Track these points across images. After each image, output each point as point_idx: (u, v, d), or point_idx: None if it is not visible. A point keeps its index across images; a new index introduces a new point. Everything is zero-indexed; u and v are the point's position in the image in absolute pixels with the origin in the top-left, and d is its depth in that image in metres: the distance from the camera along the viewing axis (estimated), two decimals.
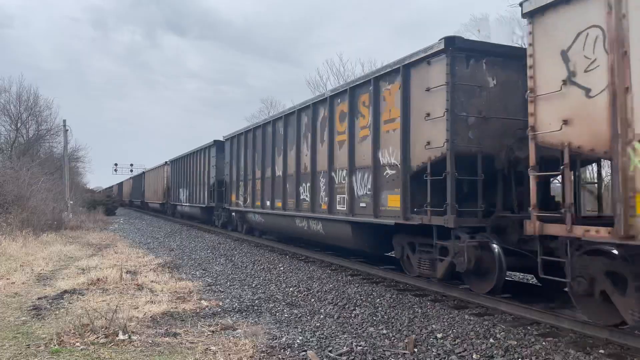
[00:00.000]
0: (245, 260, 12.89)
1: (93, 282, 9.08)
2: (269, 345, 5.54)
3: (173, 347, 5.45)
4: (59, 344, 5.46)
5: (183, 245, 16.85)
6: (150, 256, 13.49)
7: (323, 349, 5.48)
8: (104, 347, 5.38)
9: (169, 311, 7.04)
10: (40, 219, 18.91)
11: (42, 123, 40.79)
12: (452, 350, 5.49)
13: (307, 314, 7.21)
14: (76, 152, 47.53)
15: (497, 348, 5.49)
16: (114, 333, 5.71)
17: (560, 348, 5.44)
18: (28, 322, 6.60)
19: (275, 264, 12.07)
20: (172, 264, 12.19)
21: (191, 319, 6.72)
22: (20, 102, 39.22)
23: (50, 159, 38.81)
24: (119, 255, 13.41)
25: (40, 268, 11.07)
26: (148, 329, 6.15)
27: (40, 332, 6.03)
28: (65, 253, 13.70)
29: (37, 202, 20.17)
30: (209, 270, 11.40)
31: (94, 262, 11.88)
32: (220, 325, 6.37)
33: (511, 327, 6.25)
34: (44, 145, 41.94)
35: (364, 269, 10.55)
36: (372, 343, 5.72)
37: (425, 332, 6.17)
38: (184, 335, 5.89)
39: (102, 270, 10.23)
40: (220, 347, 5.45)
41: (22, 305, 7.56)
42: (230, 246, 16.24)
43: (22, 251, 13.30)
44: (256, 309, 7.46)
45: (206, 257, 13.70)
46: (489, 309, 7.18)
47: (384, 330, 6.31)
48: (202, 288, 9.04)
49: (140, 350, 5.34)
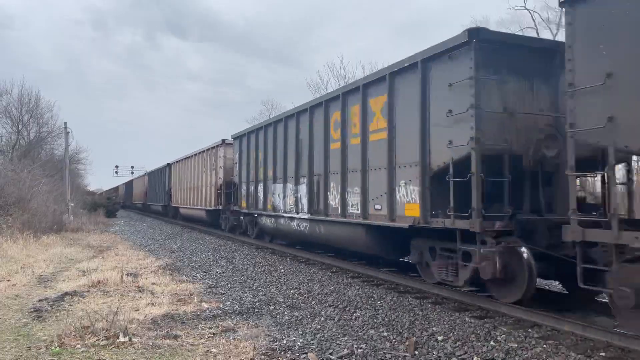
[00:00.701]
0: (245, 263, 12.89)
1: (94, 284, 9.09)
2: (269, 348, 5.55)
3: (173, 349, 5.45)
4: (60, 345, 5.47)
5: (184, 248, 16.85)
6: (151, 258, 13.50)
7: (324, 351, 5.48)
8: (105, 349, 5.39)
9: (169, 313, 7.05)
10: (41, 221, 18.94)
11: (43, 125, 41.01)
12: (453, 352, 5.49)
13: (307, 316, 7.21)
14: (77, 154, 47.75)
15: (498, 351, 5.49)
16: (115, 335, 5.72)
17: (561, 351, 5.42)
18: (29, 324, 6.61)
19: (275, 266, 12.07)
20: (172, 266, 12.19)
21: (192, 321, 6.72)
22: (22, 104, 39.43)
23: (51, 161, 38.89)
24: (120, 257, 13.43)
25: (41, 270, 11.08)
26: (149, 331, 6.15)
27: (41, 334, 6.04)
28: (66, 255, 13.72)
29: (38, 204, 20.20)
30: (210, 272, 11.41)
31: (95, 264, 11.90)
32: (220, 328, 6.37)
33: (512, 330, 6.24)
34: (45, 147, 42.13)
35: (364, 272, 10.54)
36: (373, 345, 5.72)
37: (426, 335, 6.16)
38: (184, 337, 5.89)
39: (102, 272, 10.24)
40: (220, 349, 5.45)
41: (23, 307, 7.57)
42: (230, 248, 16.24)
43: (23, 253, 13.33)
44: (257, 311, 7.46)
45: (207, 259, 13.70)
46: (490, 311, 7.18)
47: (384, 332, 6.31)
48: (202, 290, 9.04)
49: (140, 352, 5.35)
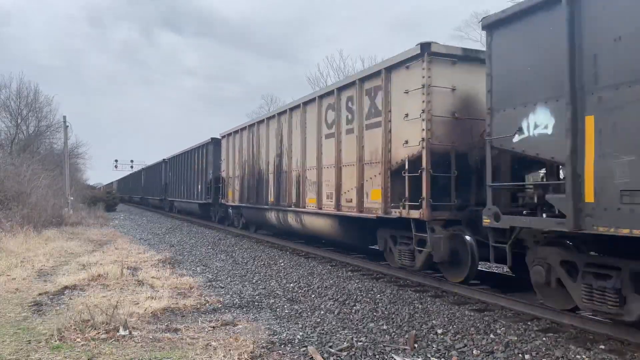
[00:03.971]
0: (245, 256, 12.90)
1: (94, 278, 9.10)
2: (269, 341, 5.55)
3: (174, 343, 5.46)
4: (60, 339, 5.47)
5: (183, 242, 16.86)
6: (150, 252, 13.51)
7: (323, 344, 5.49)
8: (105, 342, 5.40)
9: (169, 307, 7.05)
10: (41, 215, 18.92)
11: (42, 119, 40.98)
12: (453, 345, 5.50)
13: (307, 309, 7.22)
14: (76, 148, 47.66)
15: (498, 343, 5.50)
16: (115, 329, 5.72)
17: (561, 343, 5.43)
18: (29, 317, 6.61)
19: (275, 260, 12.08)
20: (172, 259, 12.21)
21: (192, 315, 6.73)
22: (21, 98, 39.36)
23: (51, 155, 38.84)
24: (120, 251, 13.43)
25: (41, 264, 11.09)
26: (149, 324, 6.16)
27: (41, 328, 6.04)
28: (66, 249, 13.71)
29: (37, 199, 20.18)
30: (210, 266, 11.41)
31: (95, 258, 11.91)
32: (220, 321, 6.38)
33: (511, 323, 6.25)
34: (44, 141, 42.07)
35: (364, 265, 10.55)
36: (373, 339, 5.73)
37: (425, 328, 6.17)
38: (184, 331, 5.90)
39: (102, 266, 10.24)
40: (220, 342, 5.46)
41: (22, 301, 7.57)
42: (230, 242, 16.25)
43: (23, 247, 13.32)
44: (257, 305, 7.47)
45: (207, 253, 13.72)
46: (489, 304, 7.19)
47: (384, 325, 6.32)
48: (202, 284, 9.05)
49: (140, 345, 5.35)
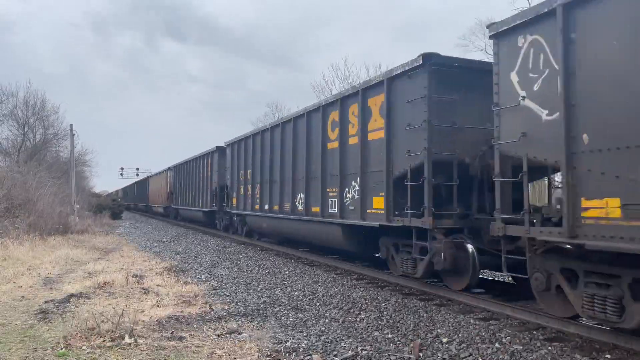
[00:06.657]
0: (250, 264, 12.91)
1: (99, 285, 9.14)
2: (274, 349, 5.56)
3: (179, 351, 5.47)
4: (66, 347, 5.50)
5: (188, 249, 16.90)
6: (156, 260, 13.56)
7: (328, 353, 5.49)
8: (111, 350, 5.42)
9: (174, 315, 7.07)
10: (47, 223, 19.03)
11: (48, 127, 41.19)
12: (458, 354, 5.48)
13: (312, 318, 7.22)
14: (82, 156, 47.94)
15: (503, 353, 5.47)
16: (120, 336, 5.75)
17: (567, 353, 5.40)
18: (35, 325, 6.64)
19: (280, 268, 12.09)
20: (177, 267, 12.24)
21: (197, 323, 6.74)
22: (28, 106, 39.63)
23: (57, 163, 39.07)
24: (125, 259, 13.48)
25: (47, 272, 11.15)
26: (154, 332, 6.18)
27: (47, 336, 6.08)
28: (72, 257, 13.77)
29: (44, 206, 20.29)
30: (215, 274, 11.43)
31: (100, 265, 11.95)
32: (225, 329, 6.39)
33: (517, 332, 6.22)
34: (50, 149, 42.30)
35: (369, 273, 10.53)
36: (377, 347, 5.73)
37: (430, 337, 6.16)
38: (189, 339, 5.91)
39: (108, 274, 10.29)
40: (225, 350, 5.47)
41: (29, 309, 7.62)
42: (235, 250, 16.27)
43: (29, 255, 13.40)
44: (261, 313, 7.47)
45: (211, 261, 13.74)
46: (495, 313, 7.17)
47: (389, 334, 6.31)
48: (207, 292, 9.06)
49: (146, 353, 5.37)
